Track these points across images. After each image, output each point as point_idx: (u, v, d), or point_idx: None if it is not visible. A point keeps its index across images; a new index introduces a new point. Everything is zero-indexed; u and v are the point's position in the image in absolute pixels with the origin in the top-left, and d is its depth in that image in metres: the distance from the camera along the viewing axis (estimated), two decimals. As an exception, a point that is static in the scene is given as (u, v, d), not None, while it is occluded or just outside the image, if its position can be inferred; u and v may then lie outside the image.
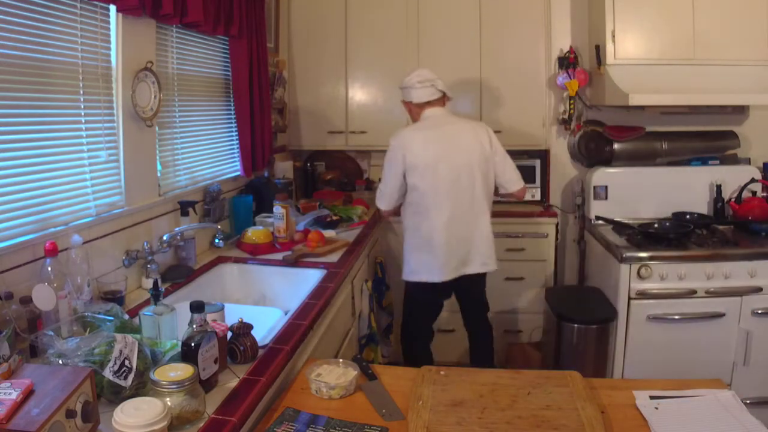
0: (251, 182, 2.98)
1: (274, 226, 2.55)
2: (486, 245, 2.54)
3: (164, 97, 2.13)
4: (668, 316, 2.68)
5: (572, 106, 3.40)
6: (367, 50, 3.52)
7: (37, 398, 1.00)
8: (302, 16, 3.57)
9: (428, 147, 2.46)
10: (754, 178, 3.13)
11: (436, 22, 3.42)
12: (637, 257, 2.68)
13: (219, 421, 1.16)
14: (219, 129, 2.77)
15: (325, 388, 1.39)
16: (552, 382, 1.43)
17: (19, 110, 1.53)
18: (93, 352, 1.19)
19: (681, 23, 2.97)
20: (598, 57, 3.18)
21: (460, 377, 1.47)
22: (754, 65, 2.96)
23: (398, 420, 1.30)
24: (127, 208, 1.96)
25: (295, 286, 2.22)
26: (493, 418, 1.27)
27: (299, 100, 3.64)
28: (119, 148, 1.94)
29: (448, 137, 2.50)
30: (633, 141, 3.36)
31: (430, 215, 2.46)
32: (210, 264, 2.32)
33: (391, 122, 3.53)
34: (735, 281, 2.67)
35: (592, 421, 1.23)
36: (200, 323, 1.32)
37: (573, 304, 2.93)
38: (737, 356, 2.70)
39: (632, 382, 1.53)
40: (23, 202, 1.55)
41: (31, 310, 1.42)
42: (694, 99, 2.98)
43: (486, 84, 3.43)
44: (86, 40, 1.75)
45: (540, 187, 3.54)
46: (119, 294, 1.76)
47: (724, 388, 1.41)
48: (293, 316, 1.74)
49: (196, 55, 2.51)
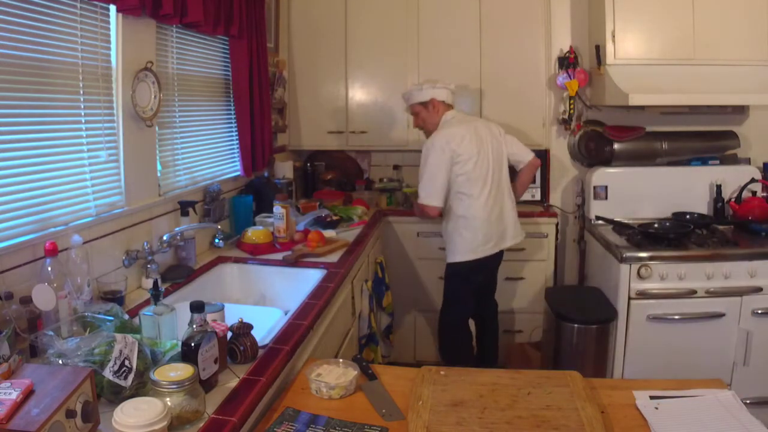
0: (251, 182, 2.98)
1: (274, 226, 2.55)
2: (515, 221, 2.92)
3: (164, 97, 2.13)
4: (668, 316, 2.68)
5: (572, 106, 3.40)
6: (367, 50, 3.52)
7: (37, 398, 1.00)
8: (302, 16, 3.57)
9: (467, 140, 2.75)
10: (754, 178, 3.14)
11: (436, 22, 3.42)
12: (637, 257, 2.68)
13: (219, 421, 1.16)
14: (219, 129, 2.77)
15: (325, 388, 1.39)
16: (552, 382, 1.43)
17: (19, 110, 1.53)
18: (93, 352, 1.19)
19: (681, 23, 2.97)
20: (598, 57, 3.18)
21: (460, 377, 1.47)
22: (754, 65, 2.96)
23: (398, 420, 1.30)
24: (127, 208, 1.96)
25: (295, 286, 2.21)
26: (493, 418, 1.27)
27: (299, 100, 3.64)
28: (119, 148, 1.94)
29: (475, 132, 2.79)
30: (633, 141, 3.36)
31: (474, 199, 2.76)
32: (210, 264, 2.32)
33: (391, 122, 3.54)
34: (735, 281, 2.67)
35: (592, 421, 1.23)
36: (200, 323, 1.32)
37: (573, 304, 2.93)
38: (737, 356, 2.70)
39: (632, 382, 1.53)
40: (23, 202, 1.55)
41: (31, 310, 1.42)
42: (694, 99, 2.98)
43: (486, 84, 3.43)
44: (86, 40, 1.75)
45: (540, 187, 3.53)
46: (119, 294, 1.76)
47: (724, 388, 1.41)
48: (293, 316, 1.74)
49: (196, 55, 2.51)
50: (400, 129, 3.53)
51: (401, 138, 3.54)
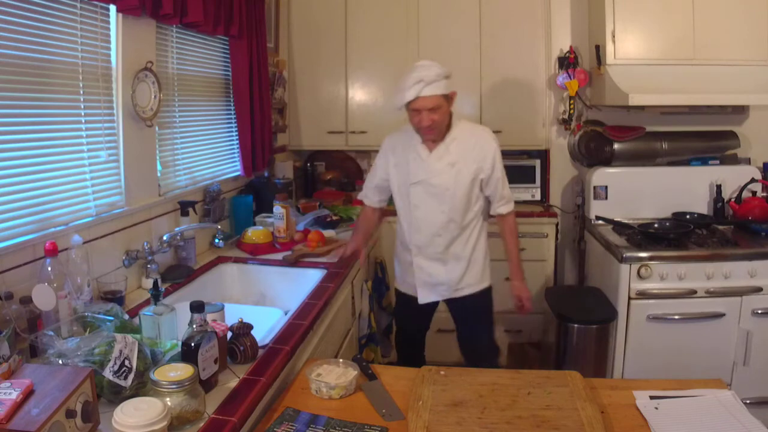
0: (251, 182, 2.98)
1: (274, 226, 2.55)
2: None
3: (164, 97, 2.13)
4: (668, 316, 2.68)
5: (572, 106, 3.40)
6: (367, 50, 3.51)
7: (37, 398, 1.00)
8: (302, 16, 3.57)
9: None
10: (754, 178, 3.13)
11: (436, 22, 3.42)
12: (637, 257, 2.68)
13: (219, 421, 1.16)
14: (219, 129, 2.77)
15: (325, 388, 1.39)
16: (552, 382, 1.43)
17: (19, 110, 1.53)
18: (93, 352, 1.19)
19: (681, 23, 2.97)
20: (598, 57, 3.18)
21: (460, 377, 1.47)
22: (754, 65, 2.96)
23: (398, 420, 1.30)
24: (127, 208, 1.96)
25: (295, 286, 2.21)
26: (493, 418, 1.27)
27: (299, 100, 3.64)
28: (119, 148, 1.94)
29: None
30: (633, 141, 3.36)
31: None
32: (210, 264, 2.32)
33: (391, 122, 3.50)
34: (735, 281, 2.66)
35: (592, 421, 1.23)
36: (200, 323, 1.32)
37: (573, 304, 2.92)
38: (737, 356, 2.70)
39: (632, 382, 1.53)
40: (23, 202, 1.55)
41: (31, 310, 1.42)
42: (694, 99, 2.98)
43: (486, 84, 3.43)
44: (86, 40, 1.75)
45: (540, 187, 3.54)
46: (119, 294, 1.76)
47: (724, 388, 1.41)
48: (293, 316, 1.74)
49: (196, 55, 2.51)
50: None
51: (401, 138, 3.54)
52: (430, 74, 2.08)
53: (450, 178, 2.23)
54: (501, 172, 2.30)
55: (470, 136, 2.27)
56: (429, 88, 2.07)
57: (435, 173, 2.23)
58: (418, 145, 2.26)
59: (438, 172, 2.23)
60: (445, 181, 2.23)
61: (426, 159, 2.24)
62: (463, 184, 2.24)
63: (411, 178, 2.27)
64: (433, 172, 2.23)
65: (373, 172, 2.45)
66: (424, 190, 2.25)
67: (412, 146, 2.27)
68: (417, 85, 2.07)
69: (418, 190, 2.26)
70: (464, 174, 2.23)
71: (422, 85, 2.06)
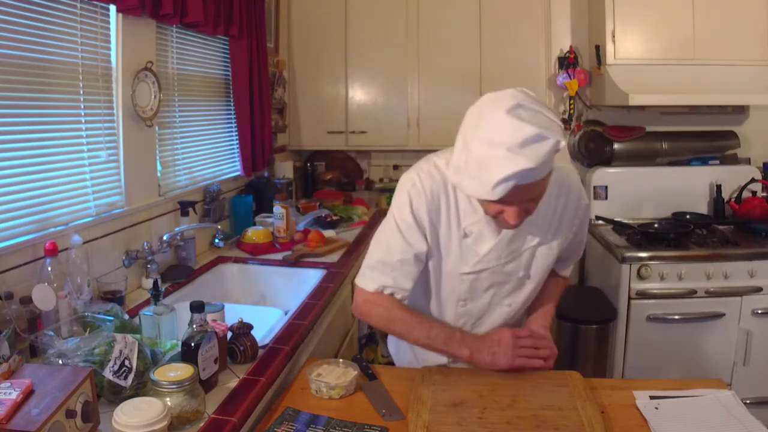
0: (251, 182, 2.98)
1: (274, 226, 2.55)
2: None
3: (164, 97, 2.13)
4: (668, 316, 2.68)
5: (572, 106, 3.40)
6: (367, 50, 3.51)
7: (37, 398, 1.00)
8: (302, 16, 3.56)
9: None
10: (754, 178, 3.14)
11: (436, 22, 3.42)
12: (637, 257, 2.68)
13: (219, 421, 1.16)
14: (219, 129, 2.77)
15: (325, 388, 1.39)
16: (552, 382, 1.43)
17: (19, 110, 1.53)
18: (93, 352, 1.19)
19: (681, 23, 2.97)
20: (598, 57, 3.18)
21: (460, 377, 1.46)
22: (754, 65, 2.96)
23: (398, 420, 1.30)
24: (127, 208, 1.96)
25: (295, 286, 2.22)
26: (493, 418, 1.27)
27: (299, 100, 3.64)
28: (119, 148, 1.94)
29: None
30: (633, 141, 3.36)
31: None
32: (210, 264, 2.32)
33: (391, 122, 3.53)
34: (735, 281, 2.66)
35: (592, 421, 1.23)
36: (200, 323, 1.32)
37: (573, 304, 2.92)
38: (737, 356, 2.70)
39: (632, 382, 1.53)
40: (23, 202, 1.55)
41: (31, 310, 1.42)
42: (694, 99, 2.98)
43: (486, 84, 3.42)
44: (86, 40, 1.75)
45: (540, 187, 3.52)
46: (119, 294, 1.76)
47: (724, 388, 1.40)
48: (293, 316, 1.74)
49: (196, 55, 2.51)
50: (400, 129, 3.53)
51: (401, 138, 3.54)
52: (549, 148, 1.17)
53: (527, 259, 1.46)
54: (585, 234, 1.60)
55: (557, 189, 1.41)
56: (540, 170, 1.17)
57: (506, 256, 1.44)
58: (473, 213, 1.40)
59: (511, 255, 1.44)
60: (520, 266, 1.47)
61: (491, 237, 1.41)
62: (544, 267, 1.50)
63: (462, 264, 1.45)
64: (502, 256, 1.44)
65: (390, 249, 1.43)
66: (484, 279, 1.47)
67: (462, 212, 1.41)
68: (518, 164, 1.13)
69: (473, 280, 1.47)
70: (549, 253, 1.47)
71: (545, 162, 1.17)
